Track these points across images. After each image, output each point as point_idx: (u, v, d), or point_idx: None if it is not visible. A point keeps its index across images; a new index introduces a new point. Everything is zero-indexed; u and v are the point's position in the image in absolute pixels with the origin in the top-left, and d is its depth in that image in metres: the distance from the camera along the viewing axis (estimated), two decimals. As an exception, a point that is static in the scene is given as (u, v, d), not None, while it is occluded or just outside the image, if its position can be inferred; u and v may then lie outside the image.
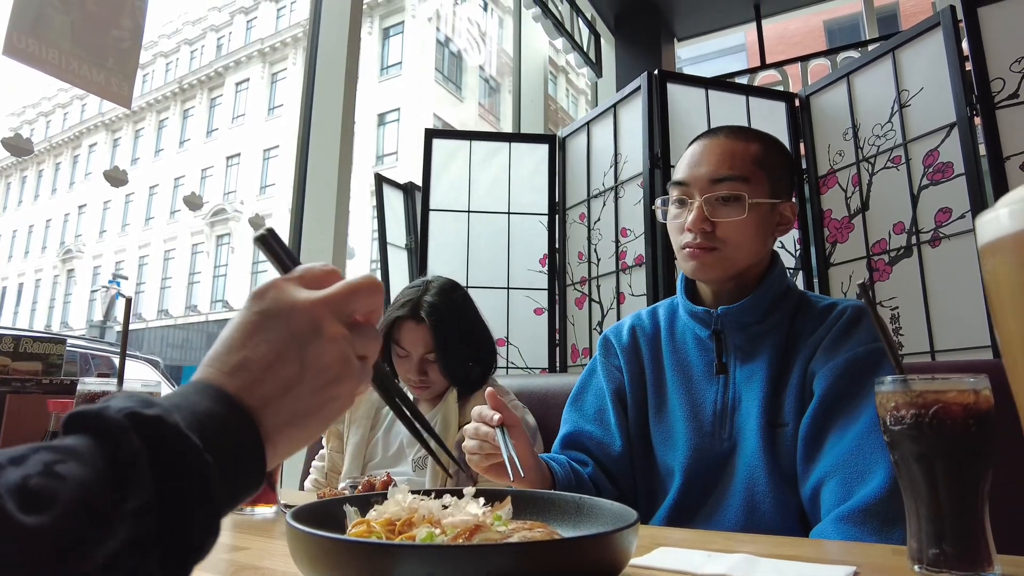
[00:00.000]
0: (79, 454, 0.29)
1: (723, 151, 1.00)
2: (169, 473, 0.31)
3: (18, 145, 5.17)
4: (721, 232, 0.98)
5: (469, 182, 2.89)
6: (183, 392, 0.36)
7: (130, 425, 0.30)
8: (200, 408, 0.34)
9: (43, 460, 0.28)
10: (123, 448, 0.30)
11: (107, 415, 0.31)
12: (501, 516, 0.61)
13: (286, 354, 0.39)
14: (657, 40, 4.89)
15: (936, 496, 0.59)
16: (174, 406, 0.33)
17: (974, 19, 2.05)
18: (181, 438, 0.31)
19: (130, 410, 0.31)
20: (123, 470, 0.29)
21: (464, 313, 1.47)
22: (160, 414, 0.31)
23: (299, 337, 0.40)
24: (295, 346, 0.39)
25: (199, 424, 0.33)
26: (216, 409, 0.35)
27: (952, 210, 2.06)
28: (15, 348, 1.22)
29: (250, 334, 0.39)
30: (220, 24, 25.68)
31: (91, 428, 0.30)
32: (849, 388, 0.90)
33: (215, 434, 0.34)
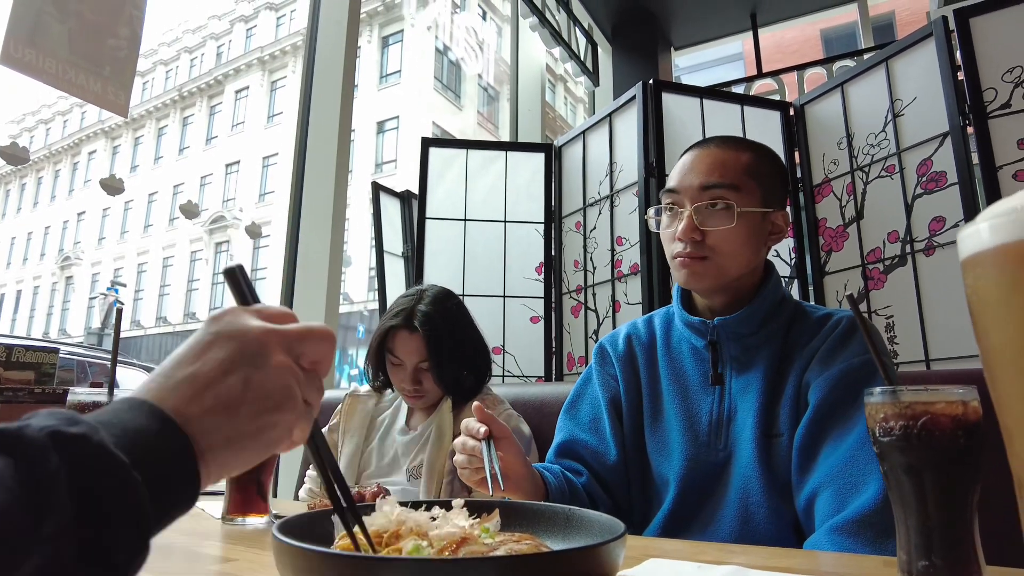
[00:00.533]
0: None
1: (713, 160, 1.01)
2: (92, 493, 0.29)
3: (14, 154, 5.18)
4: (711, 241, 0.98)
5: (465, 190, 2.90)
6: (115, 408, 0.35)
7: (51, 444, 0.29)
8: (132, 424, 0.34)
9: None
10: (41, 468, 0.28)
11: (26, 434, 0.29)
12: (489, 528, 0.61)
13: (232, 372, 0.39)
14: (654, 49, 4.91)
15: (925, 507, 0.59)
16: (103, 423, 0.32)
17: (966, 29, 2.07)
18: (107, 455, 0.30)
19: (52, 428, 0.30)
20: (40, 492, 0.28)
21: (458, 322, 1.47)
22: (84, 432, 0.30)
23: (247, 358, 0.40)
24: (242, 366, 0.39)
25: (129, 441, 0.32)
26: (149, 425, 0.35)
27: (946, 219, 2.07)
28: (7, 357, 1.21)
29: (202, 351, 0.40)
30: (220, 32, 25.78)
31: (9, 447, 0.29)
32: (844, 399, 0.90)
33: (146, 452, 0.33)
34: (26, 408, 1.13)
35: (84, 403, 0.84)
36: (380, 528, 0.59)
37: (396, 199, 3.27)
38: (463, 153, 2.94)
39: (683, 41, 5.28)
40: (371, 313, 18.37)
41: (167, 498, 0.34)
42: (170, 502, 0.34)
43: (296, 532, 0.53)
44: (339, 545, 0.58)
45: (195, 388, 0.38)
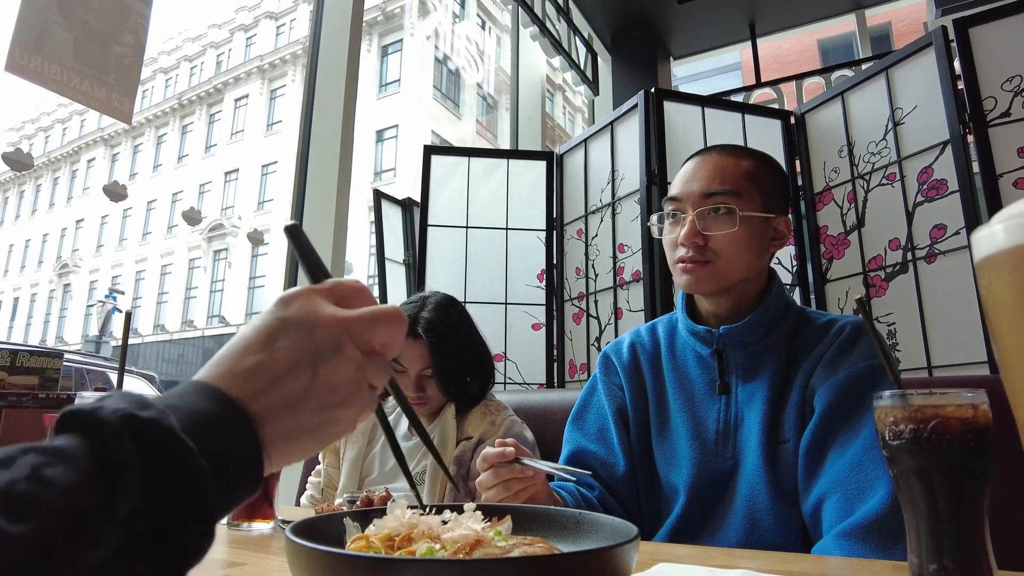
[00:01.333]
0: (69, 456, 0.28)
1: (715, 167, 1.02)
2: (162, 477, 0.30)
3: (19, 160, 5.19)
4: (713, 245, 0.98)
5: (467, 198, 2.90)
6: (182, 392, 0.35)
7: (124, 427, 0.30)
8: (198, 409, 0.34)
9: (31, 463, 0.27)
10: (115, 451, 0.29)
11: (101, 416, 0.30)
12: (501, 531, 0.61)
13: (300, 365, 0.39)
14: (653, 58, 4.94)
15: (936, 511, 0.59)
16: (171, 407, 0.33)
17: (965, 39, 2.09)
18: (176, 441, 0.31)
19: (125, 411, 0.30)
20: (114, 474, 0.29)
21: (462, 329, 1.47)
22: (155, 416, 0.31)
23: (317, 351, 0.39)
24: (311, 359, 0.39)
25: (196, 427, 0.32)
26: (216, 411, 0.35)
27: (947, 226, 2.08)
28: (12, 362, 1.21)
29: (270, 338, 0.39)
30: (220, 41, 25.88)
31: (84, 429, 0.30)
32: (850, 404, 0.90)
33: (212, 438, 0.33)
34: (31, 413, 1.13)
35: (92, 407, 0.84)
36: (392, 531, 0.59)
37: (397, 206, 3.27)
38: (465, 161, 2.95)
39: (682, 51, 5.31)
40: (370, 321, 18.32)
41: (231, 484, 0.34)
42: (234, 488, 0.35)
43: (308, 535, 0.53)
44: (352, 547, 0.58)
45: (262, 379, 0.37)
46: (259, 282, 22.04)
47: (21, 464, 0.27)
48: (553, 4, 4.16)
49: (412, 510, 0.62)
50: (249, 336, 0.39)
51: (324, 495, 1.52)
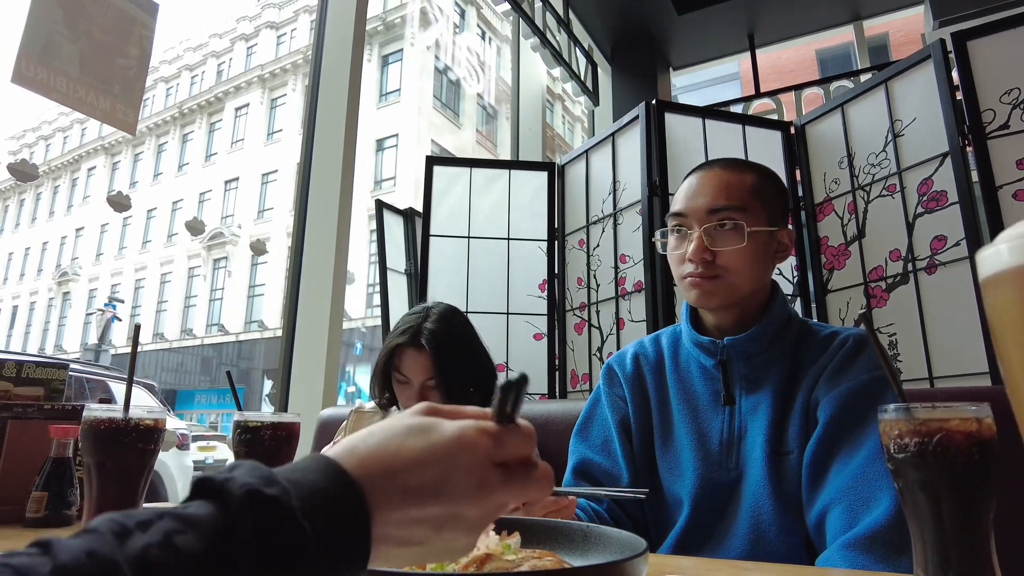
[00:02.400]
0: (198, 526, 0.30)
1: (720, 182, 1.02)
2: (277, 557, 0.31)
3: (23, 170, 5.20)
4: (721, 260, 0.99)
5: (469, 208, 2.91)
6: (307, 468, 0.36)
7: (248, 503, 0.31)
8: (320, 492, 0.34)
9: (165, 529, 0.29)
10: (238, 525, 0.31)
11: (230, 488, 0.32)
12: (511, 545, 0.61)
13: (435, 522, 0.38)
14: (653, 69, 4.97)
15: (941, 524, 0.60)
16: (294, 483, 0.34)
17: (964, 52, 2.10)
18: (294, 524, 0.32)
19: (251, 487, 0.32)
20: (236, 549, 0.30)
21: (464, 340, 1.47)
22: (278, 495, 0.32)
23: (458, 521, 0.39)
24: (448, 523, 0.39)
25: (315, 509, 0.33)
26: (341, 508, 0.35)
27: (947, 238, 2.09)
28: (17, 373, 1.21)
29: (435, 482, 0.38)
30: (221, 50, 26.00)
31: (215, 496, 0.32)
32: (853, 416, 0.90)
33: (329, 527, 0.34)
34: (36, 425, 1.13)
35: (100, 419, 0.84)
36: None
37: (399, 216, 3.28)
38: (467, 171, 2.96)
39: (681, 61, 5.35)
40: (369, 330, 18.34)
41: (338, 566, 0.34)
42: (340, 570, 0.35)
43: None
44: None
45: (399, 516, 0.37)
46: (258, 291, 22.03)
47: (156, 529, 0.29)
48: (554, 15, 4.19)
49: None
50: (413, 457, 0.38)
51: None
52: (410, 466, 0.38)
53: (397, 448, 0.38)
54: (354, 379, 17.99)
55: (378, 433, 0.39)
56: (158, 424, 0.91)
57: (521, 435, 0.43)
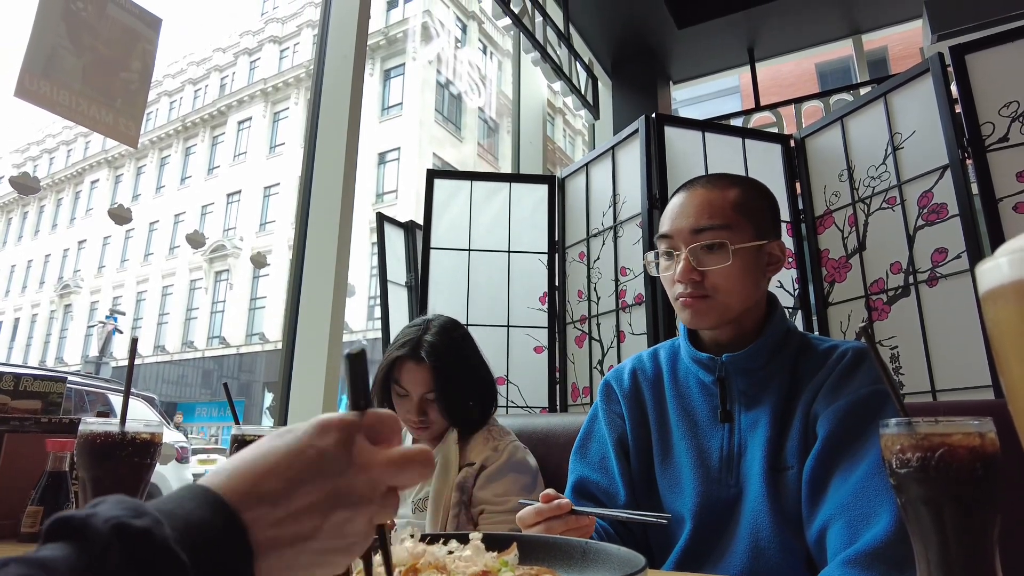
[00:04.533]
0: (54, 569, 0.27)
1: (701, 201, 1.02)
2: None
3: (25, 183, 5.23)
4: (711, 280, 0.99)
5: (470, 221, 2.92)
6: (182, 497, 0.34)
7: (115, 538, 0.29)
8: (196, 520, 0.32)
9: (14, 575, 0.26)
10: (104, 564, 0.28)
11: (92, 524, 0.29)
12: (508, 562, 0.60)
13: (318, 507, 0.37)
14: (653, 83, 5.00)
15: (945, 540, 0.59)
16: (167, 514, 0.31)
17: (962, 66, 2.11)
18: (168, 555, 0.29)
19: (117, 520, 0.29)
20: None
21: (464, 353, 1.46)
22: (149, 527, 0.30)
23: (340, 499, 0.38)
24: (330, 504, 0.38)
25: (191, 538, 0.31)
26: (216, 526, 0.33)
27: (948, 250, 2.08)
28: (15, 386, 1.21)
29: (298, 469, 0.37)
30: (224, 64, 26.20)
31: (74, 537, 0.29)
32: (852, 430, 0.89)
33: (207, 553, 0.32)
34: (33, 438, 1.12)
35: (96, 432, 0.84)
36: (398, 562, 0.59)
37: (400, 229, 3.29)
38: (467, 184, 2.97)
39: (682, 75, 5.38)
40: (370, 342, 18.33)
41: None
42: None
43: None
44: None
45: (277, 511, 0.36)
46: (260, 303, 22.04)
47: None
48: (554, 30, 4.22)
49: (417, 540, 0.62)
50: (276, 458, 0.37)
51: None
52: (276, 464, 0.37)
53: (260, 454, 0.37)
54: (354, 392, 17.92)
55: (246, 449, 0.38)
56: (154, 438, 0.91)
57: (381, 415, 0.42)
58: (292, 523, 0.36)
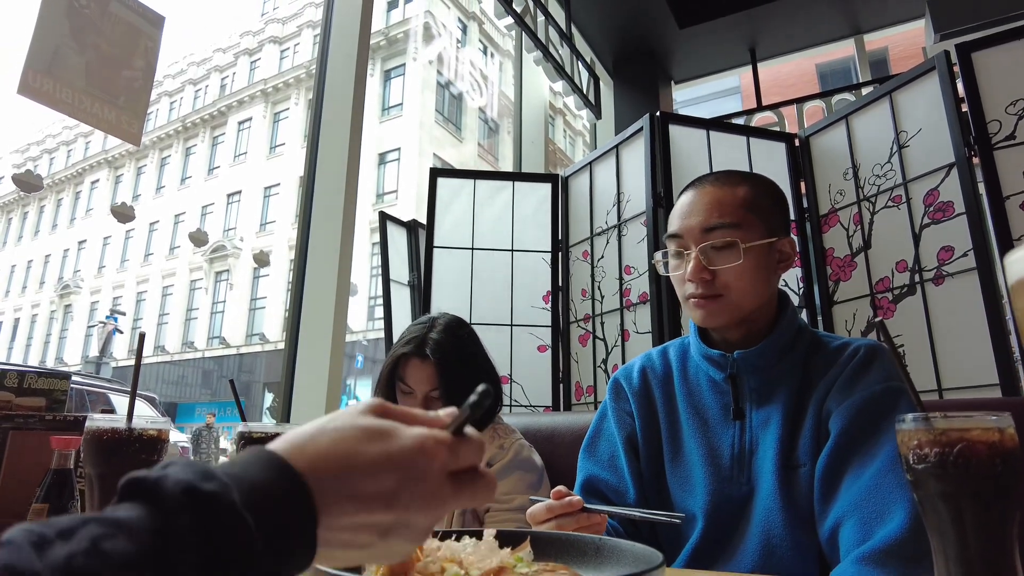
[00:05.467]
0: (129, 529, 0.28)
1: (711, 200, 1.01)
2: (218, 555, 0.30)
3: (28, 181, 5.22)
4: (722, 279, 0.98)
5: (473, 220, 2.91)
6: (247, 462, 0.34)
7: (186, 501, 0.30)
8: (259, 482, 0.33)
9: (91, 535, 0.27)
10: (175, 525, 0.29)
11: (164, 487, 0.30)
12: (523, 558, 0.60)
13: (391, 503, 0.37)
14: (655, 83, 5.00)
15: (964, 536, 0.58)
16: (233, 477, 0.32)
17: (968, 63, 2.11)
18: (236, 517, 0.30)
19: (187, 483, 0.30)
20: (171, 551, 0.29)
21: (470, 350, 1.46)
22: (218, 491, 0.31)
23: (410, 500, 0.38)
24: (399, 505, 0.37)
25: (258, 502, 0.32)
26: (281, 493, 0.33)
27: (954, 248, 2.08)
28: (19, 383, 1.20)
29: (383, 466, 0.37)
30: (224, 65, 26.21)
31: (146, 498, 0.30)
32: (866, 427, 0.89)
33: (272, 516, 0.32)
34: (38, 435, 1.12)
35: (103, 429, 0.83)
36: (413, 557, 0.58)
37: (403, 228, 3.29)
38: (471, 183, 2.97)
39: (683, 75, 5.37)
40: (370, 343, 18.32)
41: (282, 565, 0.33)
42: (284, 566, 0.33)
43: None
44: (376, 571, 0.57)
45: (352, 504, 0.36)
46: (260, 303, 22.04)
47: (81, 536, 0.27)
48: (556, 29, 4.21)
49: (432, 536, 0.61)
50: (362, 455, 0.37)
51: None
52: (365, 473, 0.36)
53: (352, 452, 0.37)
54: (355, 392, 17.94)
55: (329, 432, 0.37)
56: (161, 435, 0.90)
57: (474, 446, 0.42)
58: (354, 534, 0.36)
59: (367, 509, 0.36)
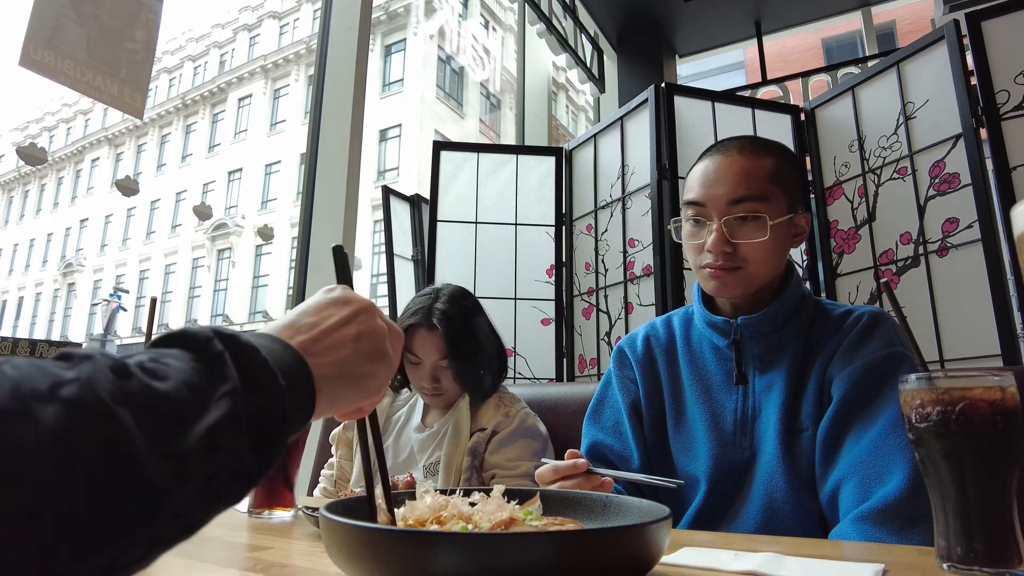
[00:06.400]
0: (175, 355, 0.35)
1: (739, 170, 0.98)
2: (249, 369, 0.36)
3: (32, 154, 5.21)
4: (742, 252, 0.97)
5: (476, 194, 2.91)
6: (252, 334, 0.42)
7: (213, 335, 0.36)
8: (263, 342, 0.41)
9: (148, 354, 0.34)
10: (210, 350, 0.35)
11: (191, 330, 0.37)
12: (532, 512, 0.61)
13: (347, 324, 0.48)
14: (659, 56, 4.94)
15: (964, 493, 0.59)
16: (247, 335, 0.39)
17: (978, 33, 2.08)
18: (255, 352, 0.37)
19: (211, 327, 0.37)
20: (212, 365, 0.35)
21: (475, 320, 1.47)
22: (236, 333, 0.37)
23: (359, 316, 0.49)
24: (355, 322, 0.48)
25: (264, 348, 0.39)
26: (277, 346, 0.42)
27: (959, 220, 2.07)
28: (31, 352, 1.22)
29: (321, 309, 0.48)
30: (223, 41, 25.92)
31: (179, 341, 0.36)
32: (867, 392, 0.90)
33: (277, 360, 0.39)
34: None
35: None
36: (421, 515, 0.60)
37: (406, 203, 3.28)
38: (474, 157, 2.95)
39: (688, 49, 5.31)
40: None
41: (294, 401, 0.39)
42: (296, 406, 0.40)
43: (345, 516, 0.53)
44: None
45: (317, 333, 0.45)
46: (263, 281, 22.07)
47: (139, 355, 0.34)
48: (559, 1, 4.16)
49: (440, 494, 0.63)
50: (303, 308, 0.48)
51: (337, 487, 1.52)
52: (307, 306, 0.48)
53: (304, 305, 0.48)
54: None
55: (291, 314, 0.48)
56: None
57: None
58: (330, 336, 0.46)
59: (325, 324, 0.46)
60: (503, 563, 0.45)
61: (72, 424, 0.27)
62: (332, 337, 0.46)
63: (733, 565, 0.61)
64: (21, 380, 0.27)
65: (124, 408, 0.29)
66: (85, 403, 0.28)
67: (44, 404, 0.27)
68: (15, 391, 0.27)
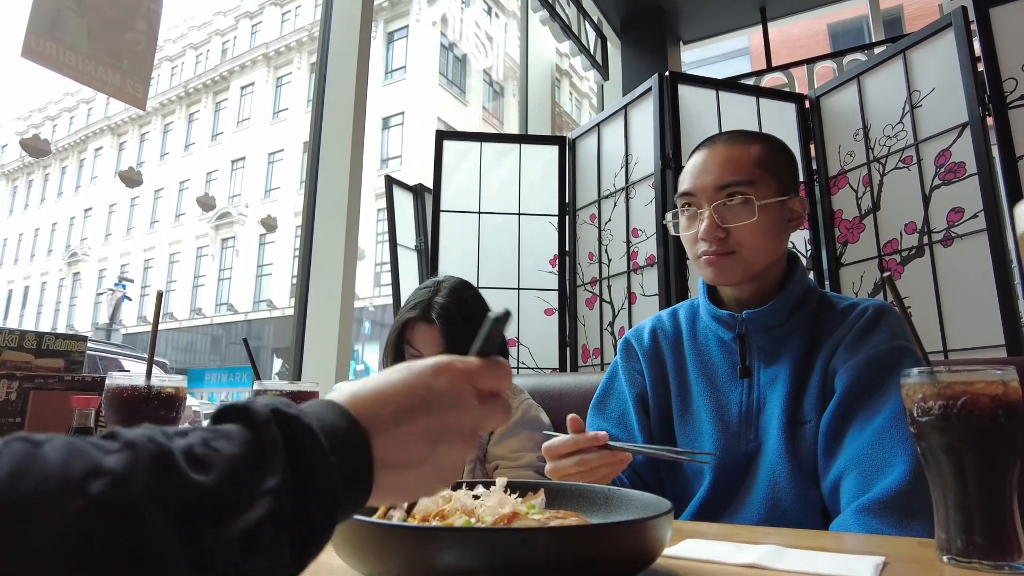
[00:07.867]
0: (230, 436, 0.33)
1: (725, 157, 1.02)
2: (302, 463, 0.34)
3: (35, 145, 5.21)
4: (735, 237, 0.99)
5: (480, 183, 2.90)
6: (313, 403, 0.40)
7: (273, 418, 0.35)
8: (327, 419, 0.38)
9: (202, 436, 0.33)
10: (266, 436, 0.34)
11: (253, 408, 0.35)
12: (535, 505, 0.61)
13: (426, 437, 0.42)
14: (663, 43, 4.90)
15: (965, 487, 0.60)
16: (311, 414, 0.37)
17: (986, 20, 2.06)
18: (314, 436, 0.35)
19: (274, 407, 0.35)
20: (265, 454, 0.33)
21: (475, 313, 1.46)
22: (298, 414, 0.36)
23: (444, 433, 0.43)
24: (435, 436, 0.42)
25: (325, 430, 0.36)
26: (346, 434, 0.38)
27: (964, 210, 2.06)
28: (38, 345, 1.23)
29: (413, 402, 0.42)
30: (225, 29, 25.79)
31: (240, 418, 0.35)
32: (870, 384, 0.91)
33: (338, 443, 0.37)
34: (58, 396, 1.14)
35: (123, 386, 0.85)
36: (423, 511, 0.60)
37: (409, 192, 3.28)
38: (477, 146, 2.95)
39: (692, 35, 5.26)
40: (377, 309, 18.41)
41: (349, 487, 0.37)
42: (350, 494, 0.37)
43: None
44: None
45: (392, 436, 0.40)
46: (266, 270, 22.11)
47: (194, 435, 0.33)
48: (563, -12, 4.13)
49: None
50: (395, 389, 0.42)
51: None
52: (395, 394, 0.42)
53: (385, 381, 0.43)
54: (363, 358, 18.10)
55: (364, 379, 0.44)
56: (179, 392, 0.93)
57: (498, 366, 0.47)
58: (407, 447, 0.41)
59: (409, 420, 0.41)
60: (506, 558, 0.45)
61: (95, 526, 0.27)
62: (407, 450, 0.41)
63: (734, 557, 0.61)
64: (52, 470, 0.27)
65: (157, 505, 0.28)
66: (113, 503, 0.27)
67: (71, 498, 0.27)
68: (43, 483, 0.26)
